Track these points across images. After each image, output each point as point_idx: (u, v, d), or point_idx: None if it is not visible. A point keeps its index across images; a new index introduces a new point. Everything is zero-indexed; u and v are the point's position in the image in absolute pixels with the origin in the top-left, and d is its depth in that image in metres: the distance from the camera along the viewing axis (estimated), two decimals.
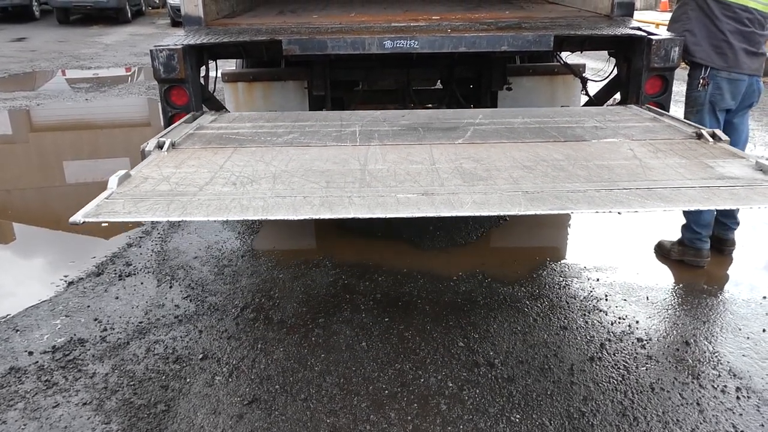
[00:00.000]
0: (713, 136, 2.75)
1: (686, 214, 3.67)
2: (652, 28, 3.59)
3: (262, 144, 2.77)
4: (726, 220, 3.73)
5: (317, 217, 2.01)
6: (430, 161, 2.49)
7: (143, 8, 21.22)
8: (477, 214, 2.07)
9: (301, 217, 1.99)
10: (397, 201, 2.10)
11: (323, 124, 3.10)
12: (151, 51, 3.13)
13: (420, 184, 2.24)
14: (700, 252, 3.66)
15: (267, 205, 2.07)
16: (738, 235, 3.83)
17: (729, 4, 3.27)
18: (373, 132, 2.94)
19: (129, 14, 18.77)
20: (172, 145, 2.70)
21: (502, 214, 2.07)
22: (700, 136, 2.79)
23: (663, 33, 3.47)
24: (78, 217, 1.88)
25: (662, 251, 3.84)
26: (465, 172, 2.36)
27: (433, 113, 3.32)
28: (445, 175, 2.33)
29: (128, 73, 10.99)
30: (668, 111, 3.14)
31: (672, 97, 3.48)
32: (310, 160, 2.52)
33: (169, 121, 3.09)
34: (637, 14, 4.10)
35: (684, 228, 3.71)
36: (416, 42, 3.34)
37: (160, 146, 2.65)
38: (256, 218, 2.01)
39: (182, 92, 3.27)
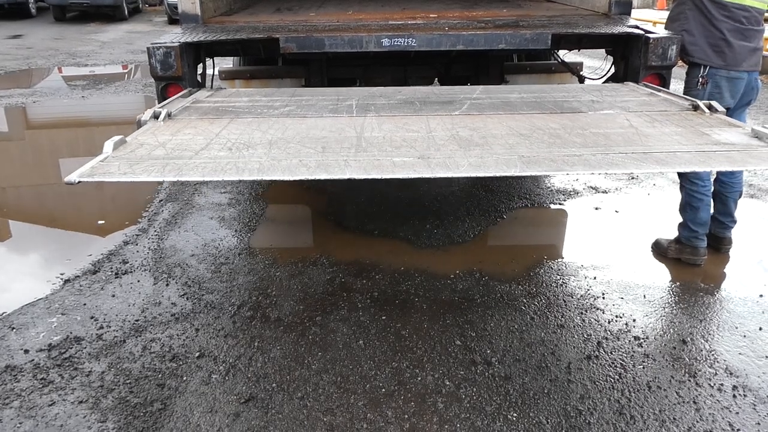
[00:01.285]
0: (710, 107, 2.78)
1: (683, 212, 3.68)
2: (649, 27, 3.59)
3: (259, 115, 2.78)
4: (723, 218, 3.74)
5: (312, 177, 2.02)
6: (427, 130, 2.50)
7: (140, 6, 21.16)
8: (473, 175, 2.08)
9: (297, 178, 2.00)
10: (393, 164, 2.12)
11: (320, 98, 3.11)
12: (148, 48, 3.13)
13: (416, 149, 2.26)
14: (697, 250, 3.66)
15: (263, 167, 2.08)
16: (734, 233, 3.83)
17: (725, 4, 3.27)
18: (370, 105, 2.96)
19: (126, 12, 18.70)
20: (168, 115, 2.70)
21: (497, 175, 2.08)
22: (696, 107, 2.81)
23: (660, 31, 3.47)
24: (73, 176, 1.89)
25: (659, 249, 3.84)
26: (461, 139, 2.37)
27: (430, 89, 3.34)
28: (442, 141, 2.34)
29: (125, 71, 10.96)
30: None
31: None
32: (307, 129, 2.53)
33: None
34: (634, 12, 4.10)
35: (681, 226, 3.71)
36: (414, 40, 3.34)
37: (156, 116, 2.66)
38: (251, 179, 2.01)
39: (179, 90, 3.26)
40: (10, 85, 9.56)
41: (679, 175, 3.66)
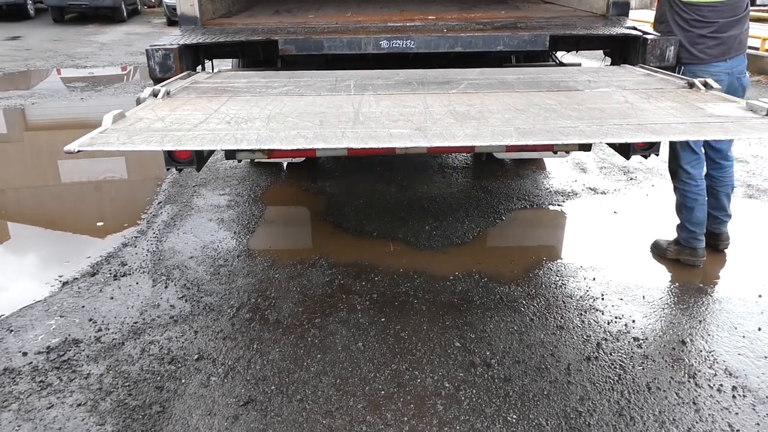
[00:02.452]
0: (705, 84, 2.81)
1: (679, 213, 3.68)
2: (647, 28, 3.59)
3: (257, 94, 2.83)
4: (717, 213, 3.74)
5: (310, 147, 2.06)
6: (424, 106, 2.55)
7: (139, 7, 21.17)
8: (469, 144, 2.12)
9: (295, 147, 2.04)
10: (390, 135, 2.16)
11: (318, 80, 3.15)
12: (146, 50, 3.12)
13: (413, 122, 2.29)
14: (696, 251, 3.66)
15: (261, 138, 2.12)
16: (732, 233, 3.84)
17: (697, 4, 3.30)
18: (368, 85, 2.99)
19: (125, 13, 18.71)
20: (167, 93, 2.73)
21: (493, 144, 2.10)
22: (692, 85, 2.84)
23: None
24: (73, 146, 1.91)
25: (658, 250, 3.84)
26: (458, 114, 2.41)
27: (427, 71, 3.37)
28: (438, 116, 2.38)
29: (124, 73, 10.96)
30: None
31: None
32: (305, 105, 2.57)
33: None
34: (632, 13, 4.10)
35: (679, 227, 3.72)
36: (412, 42, 3.34)
37: (155, 94, 2.68)
38: (249, 148, 2.04)
39: None
40: (8, 86, 9.55)
41: (672, 176, 3.67)
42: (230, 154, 3.68)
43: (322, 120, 2.32)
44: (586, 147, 3.58)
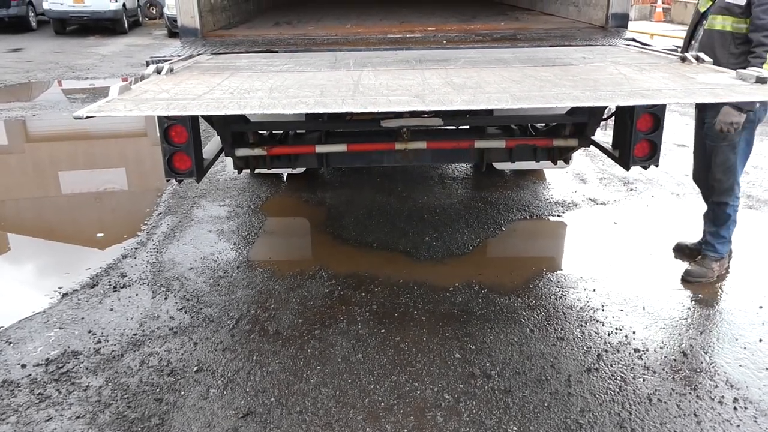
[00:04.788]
0: (697, 58, 2.85)
1: (726, 230, 3.62)
2: (646, 39, 3.61)
3: (259, 71, 2.88)
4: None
5: (311, 111, 2.12)
6: (422, 78, 2.59)
7: (140, 19, 21.25)
8: (465, 108, 2.19)
9: (296, 112, 2.11)
10: (389, 101, 2.21)
11: (318, 59, 3.23)
12: (147, 62, 3.14)
13: (411, 92, 2.34)
14: (727, 257, 3.72)
15: (263, 104, 2.18)
16: (733, 244, 3.83)
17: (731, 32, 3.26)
18: (367, 62, 3.06)
19: (126, 25, 18.78)
20: (171, 70, 2.76)
21: (489, 108, 2.16)
22: (684, 59, 2.89)
23: (658, 44, 3.49)
24: (82, 112, 2.00)
25: (699, 277, 3.66)
26: (455, 84, 2.46)
27: (425, 51, 3.40)
28: (436, 86, 2.43)
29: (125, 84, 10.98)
30: (662, 124, 3.16)
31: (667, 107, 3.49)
32: (305, 79, 2.63)
33: (165, 132, 3.09)
34: (631, 24, 4.13)
35: (722, 243, 3.66)
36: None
37: (158, 71, 2.71)
38: (252, 112, 2.13)
39: None
40: (9, 98, 9.58)
41: (725, 193, 3.54)
42: (235, 165, 3.66)
43: (323, 90, 2.38)
44: (585, 142, 3.55)
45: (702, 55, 2.85)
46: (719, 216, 3.63)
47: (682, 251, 3.97)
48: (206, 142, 3.42)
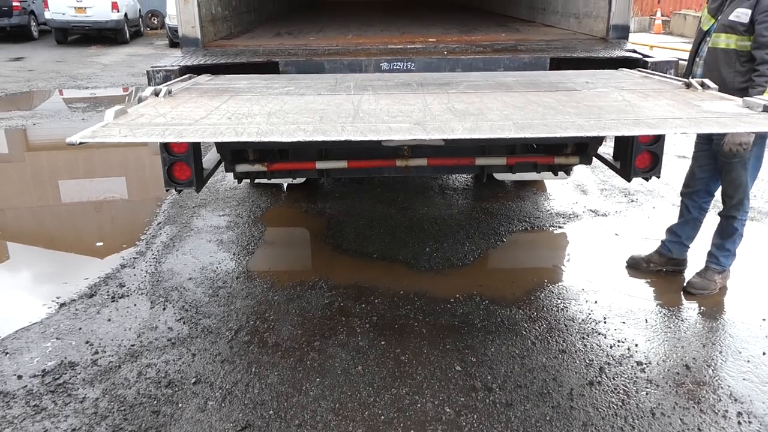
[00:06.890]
0: (702, 84, 2.82)
1: (733, 243, 3.62)
2: (646, 50, 3.61)
3: (258, 93, 2.87)
4: (691, 242, 3.81)
5: (309, 139, 2.06)
6: (423, 104, 2.57)
7: (142, 29, 21.35)
8: (468, 137, 2.13)
9: (294, 140, 2.04)
10: (389, 128, 2.19)
11: (318, 81, 3.19)
12: (147, 71, 3.13)
13: (412, 118, 2.31)
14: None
15: (261, 131, 2.13)
16: (737, 256, 3.81)
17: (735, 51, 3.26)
18: (367, 86, 3.03)
19: (127, 35, 18.86)
20: (169, 92, 2.74)
21: (492, 137, 2.12)
22: (689, 85, 2.85)
23: (658, 55, 3.49)
24: (75, 137, 1.93)
25: (702, 289, 3.64)
26: (457, 110, 2.44)
27: (426, 74, 3.39)
28: (438, 112, 2.40)
29: (125, 93, 11.01)
30: (663, 136, 3.16)
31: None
32: (305, 103, 2.60)
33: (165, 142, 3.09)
34: (631, 36, 4.12)
35: (726, 256, 3.65)
36: (413, 64, 3.36)
37: (156, 93, 2.69)
38: (249, 140, 2.07)
39: None
40: (10, 107, 9.59)
41: (735, 208, 3.54)
42: (235, 175, 3.66)
43: (322, 116, 2.35)
44: (587, 160, 3.54)
45: (707, 81, 2.82)
46: (726, 229, 3.61)
47: (636, 266, 3.94)
48: (206, 151, 3.41)
